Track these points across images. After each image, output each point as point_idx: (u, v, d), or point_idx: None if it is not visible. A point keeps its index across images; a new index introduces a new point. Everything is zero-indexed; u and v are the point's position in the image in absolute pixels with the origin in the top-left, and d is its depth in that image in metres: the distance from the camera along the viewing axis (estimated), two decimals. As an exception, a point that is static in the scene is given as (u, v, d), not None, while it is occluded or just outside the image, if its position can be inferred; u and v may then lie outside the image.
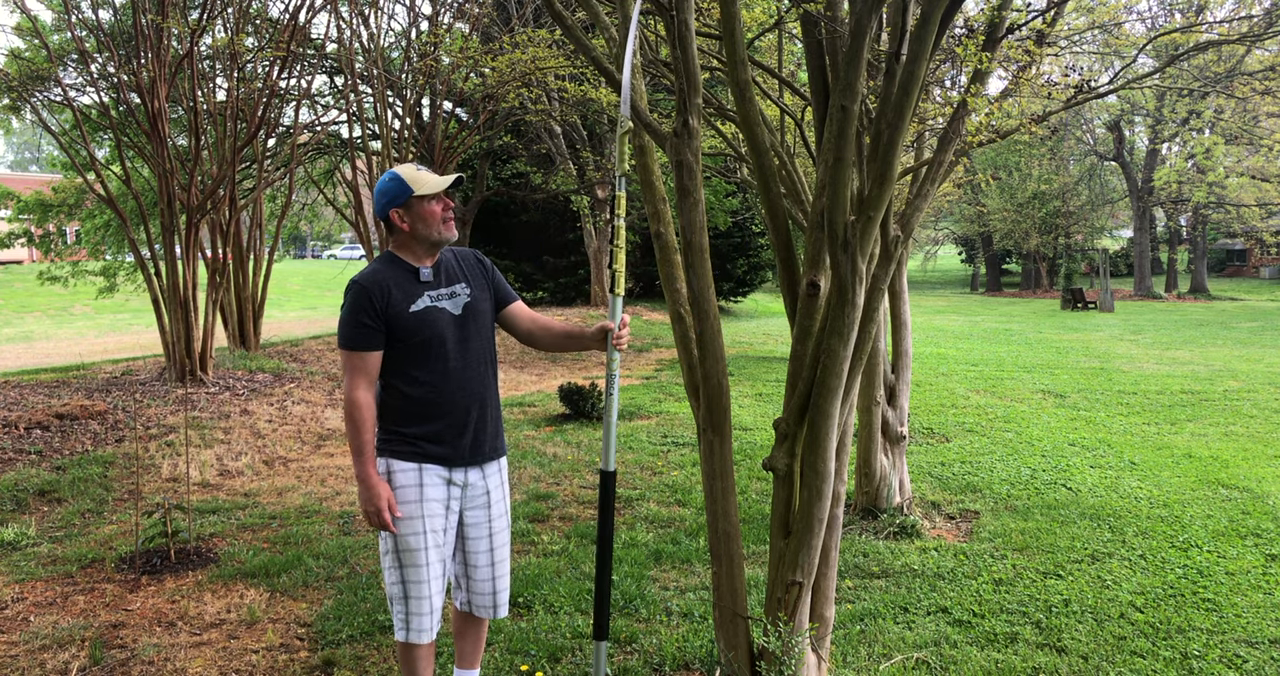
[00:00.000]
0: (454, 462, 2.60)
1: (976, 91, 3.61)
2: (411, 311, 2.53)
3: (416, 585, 2.56)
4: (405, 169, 2.60)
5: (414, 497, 2.55)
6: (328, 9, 10.89)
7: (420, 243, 2.59)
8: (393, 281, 2.54)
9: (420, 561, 2.55)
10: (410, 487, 2.55)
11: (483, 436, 2.66)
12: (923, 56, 2.40)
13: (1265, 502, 5.48)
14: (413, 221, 2.56)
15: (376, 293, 2.50)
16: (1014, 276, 45.17)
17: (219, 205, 10.01)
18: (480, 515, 2.70)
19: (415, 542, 2.54)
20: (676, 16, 2.61)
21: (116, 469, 6.10)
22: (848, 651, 3.40)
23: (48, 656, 3.38)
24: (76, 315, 22.12)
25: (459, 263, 2.71)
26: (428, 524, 2.55)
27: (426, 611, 2.58)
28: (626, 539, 4.75)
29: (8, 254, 22.39)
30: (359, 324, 2.49)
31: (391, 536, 2.55)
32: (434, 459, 2.57)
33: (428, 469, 2.57)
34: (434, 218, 2.56)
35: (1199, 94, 21.36)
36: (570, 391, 8.31)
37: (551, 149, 18.22)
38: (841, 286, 2.55)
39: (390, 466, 2.56)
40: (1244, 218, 31.50)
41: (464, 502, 2.66)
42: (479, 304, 2.66)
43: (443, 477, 2.59)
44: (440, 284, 2.61)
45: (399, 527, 2.54)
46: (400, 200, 2.55)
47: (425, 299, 2.57)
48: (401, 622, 2.59)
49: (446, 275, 2.64)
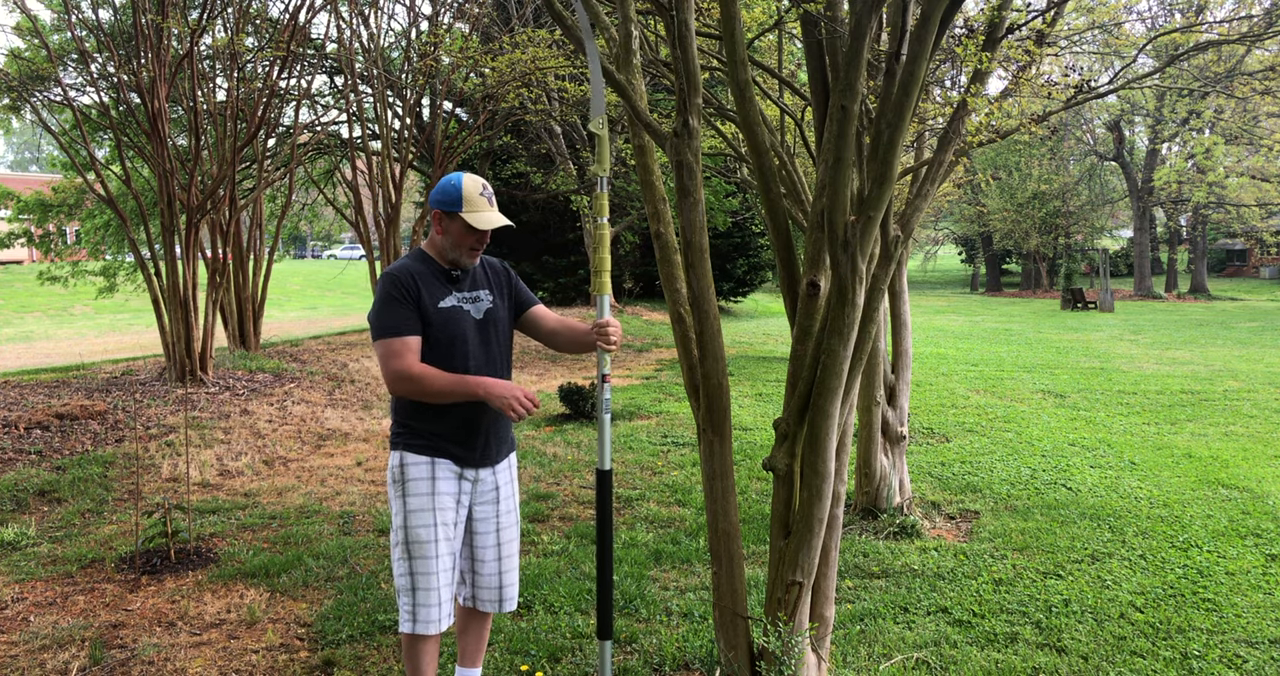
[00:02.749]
0: (466, 463, 2.65)
1: (976, 91, 3.61)
2: (440, 307, 2.58)
3: (425, 576, 2.58)
4: (473, 184, 2.61)
5: (426, 490, 2.58)
6: (328, 9, 10.90)
7: (443, 252, 2.65)
8: (423, 276, 2.59)
9: (430, 553, 2.57)
10: (422, 480, 2.59)
11: (496, 439, 2.70)
12: (923, 56, 2.40)
13: (1265, 502, 5.48)
14: (445, 231, 2.62)
15: (409, 282, 2.55)
16: (1014, 276, 45.18)
17: (219, 205, 10.01)
18: (489, 510, 2.74)
19: (426, 534, 2.57)
20: (676, 16, 2.61)
21: (116, 469, 6.10)
22: (848, 651, 3.40)
23: (48, 656, 3.38)
24: (76, 315, 22.13)
25: (486, 270, 2.77)
26: (438, 516, 2.59)
27: (435, 603, 2.59)
28: (626, 539, 4.75)
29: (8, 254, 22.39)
30: (398, 310, 2.52)
31: (403, 528, 2.58)
32: (447, 455, 2.61)
33: (440, 462, 2.61)
34: (463, 242, 2.61)
35: (1199, 94, 21.36)
36: (570, 391, 8.31)
37: (551, 149, 18.23)
38: (841, 286, 2.55)
39: (404, 459, 2.60)
40: (1244, 218, 31.51)
41: (474, 498, 2.70)
42: (499, 311, 2.72)
43: (454, 472, 2.63)
44: (466, 287, 2.67)
45: (410, 520, 2.56)
46: (448, 207, 2.59)
47: (453, 297, 2.62)
48: (408, 614, 2.60)
49: (473, 280, 2.70)
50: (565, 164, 18.12)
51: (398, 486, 2.61)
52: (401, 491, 2.60)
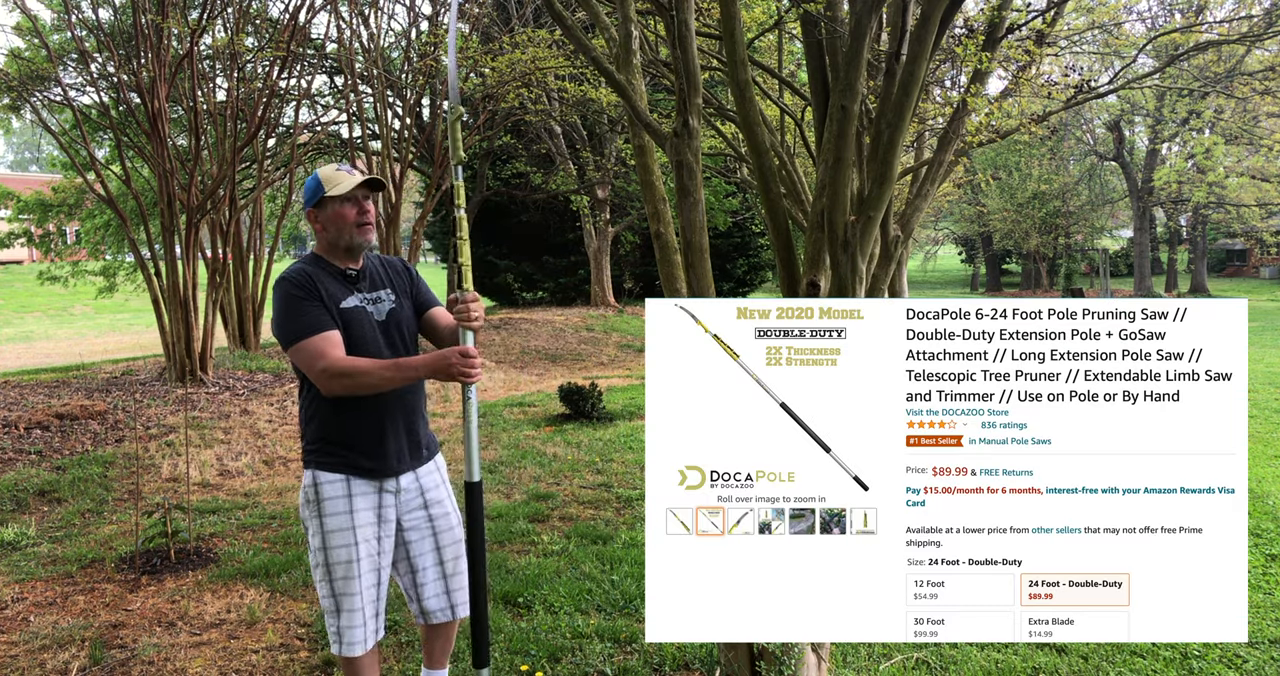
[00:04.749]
0: (384, 473, 2.51)
1: (976, 91, 3.61)
2: (343, 307, 2.44)
3: (349, 597, 2.46)
4: (326, 169, 2.51)
5: (343, 508, 2.46)
6: (328, 9, 10.90)
7: (335, 246, 2.51)
8: (320, 277, 2.46)
9: (353, 573, 2.46)
10: (338, 498, 2.47)
11: (411, 442, 2.57)
12: (923, 56, 2.40)
13: (1265, 502, 5.48)
14: (324, 224, 2.48)
15: (308, 282, 2.42)
16: (1014, 276, 45.18)
17: (219, 205, 10.01)
18: (419, 517, 2.60)
19: (347, 554, 2.45)
20: (676, 16, 2.61)
21: (116, 469, 6.10)
22: (848, 651, 3.40)
23: (48, 656, 3.38)
24: (76, 315, 22.13)
25: (385, 269, 2.63)
26: (359, 534, 2.47)
27: (359, 624, 2.48)
28: (626, 539, 4.76)
29: (8, 254, 22.39)
30: (308, 308, 2.38)
31: (322, 549, 2.46)
32: (362, 471, 2.49)
33: (355, 479, 2.48)
34: (345, 221, 2.46)
35: (1199, 94, 21.36)
36: (570, 391, 8.31)
37: (551, 149, 18.23)
38: (841, 286, 2.55)
39: (316, 478, 2.48)
40: (1244, 218, 31.50)
41: (400, 508, 2.56)
42: (403, 311, 2.58)
43: (373, 486, 2.50)
44: (366, 287, 2.54)
45: (329, 540, 2.45)
46: (314, 200, 2.47)
47: (354, 297, 2.49)
48: (335, 635, 2.49)
49: (371, 280, 2.56)
50: (565, 164, 18.13)
51: (312, 506, 2.48)
52: (317, 511, 2.47)
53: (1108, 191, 36.77)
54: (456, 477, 2.64)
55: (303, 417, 2.54)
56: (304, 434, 2.53)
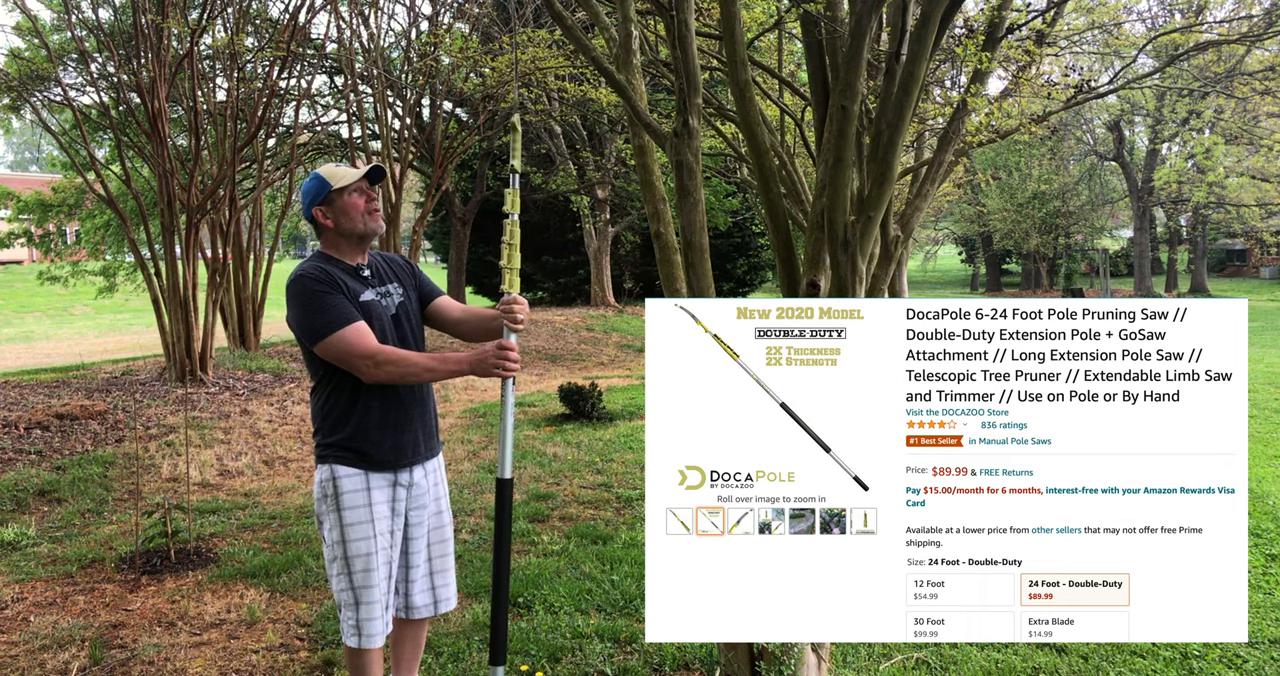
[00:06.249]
0: (398, 465, 2.56)
1: (976, 91, 3.61)
2: (361, 301, 2.51)
3: (368, 590, 2.51)
4: (325, 167, 2.59)
5: (362, 502, 2.50)
6: (328, 9, 10.90)
7: (347, 238, 2.57)
8: (334, 273, 2.51)
9: (372, 565, 2.50)
10: (357, 492, 2.51)
11: (424, 435, 2.63)
12: (923, 56, 2.40)
13: (1265, 502, 5.48)
14: (336, 217, 2.54)
15: (326, 276, 2.47)
16: (1014, 276, 45.18)
17: (219, 205, 10.01)
18: (421, 514, 2.66)
19: (366, 547, 2.50)
20: (676, 16, 2.61)
21: (116, 469, 6.10)
22: (848, 651, 3.40)
23: (48, 656, 3.38)
24: (76, 315, 22.14)
25: (389, 265, 2.71)
26: (377, 527, 2.52)
27: (378, 615, 2.53)
28: (627, 539, 4.76)
29: (8, 254, 22.39)
30: (333, 300, 2.43)
31: (340, 543, 2.50)
32: (378, 464, 2.53)
33: (372, 473, 2.53)
34: (356, 210, 2.54)
35: (1199, 94, 21.36)
36: (570, 391, 8.31)
37: (551, 149, 18.23)
38: (841, 286, 2.55)
39: (334, 473, 2.52)
40: (1244, 218, 31.49)
41: (409, 502, 2.63)
42: (410, 304, 2.67)
43: (388, 480, 2.55)
44: (376, 282, 2.60)
45: (349, 534, 2.50)
46: (321, 197, 2.54)
47: (370, 291, 2.55)
48: (352, 628, 2.53)
49: (380, 275, 2.64)
50: (565, 164, 18.13)
51: (330, 500, 2.52)
52: (335, 505, 2.51)
53: (1108, 191, 36.77)
54: (455, 477, 2.65)
55: (318, 414, 2.57)
56: (319, 429, 2.57)
